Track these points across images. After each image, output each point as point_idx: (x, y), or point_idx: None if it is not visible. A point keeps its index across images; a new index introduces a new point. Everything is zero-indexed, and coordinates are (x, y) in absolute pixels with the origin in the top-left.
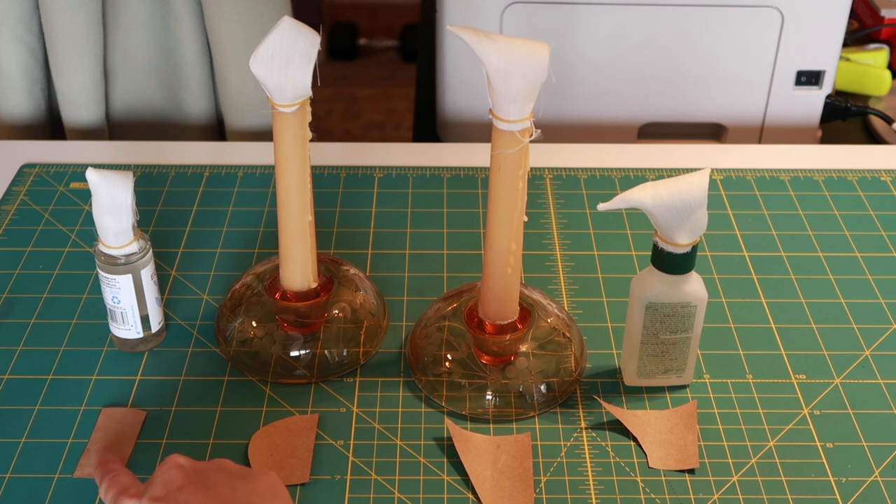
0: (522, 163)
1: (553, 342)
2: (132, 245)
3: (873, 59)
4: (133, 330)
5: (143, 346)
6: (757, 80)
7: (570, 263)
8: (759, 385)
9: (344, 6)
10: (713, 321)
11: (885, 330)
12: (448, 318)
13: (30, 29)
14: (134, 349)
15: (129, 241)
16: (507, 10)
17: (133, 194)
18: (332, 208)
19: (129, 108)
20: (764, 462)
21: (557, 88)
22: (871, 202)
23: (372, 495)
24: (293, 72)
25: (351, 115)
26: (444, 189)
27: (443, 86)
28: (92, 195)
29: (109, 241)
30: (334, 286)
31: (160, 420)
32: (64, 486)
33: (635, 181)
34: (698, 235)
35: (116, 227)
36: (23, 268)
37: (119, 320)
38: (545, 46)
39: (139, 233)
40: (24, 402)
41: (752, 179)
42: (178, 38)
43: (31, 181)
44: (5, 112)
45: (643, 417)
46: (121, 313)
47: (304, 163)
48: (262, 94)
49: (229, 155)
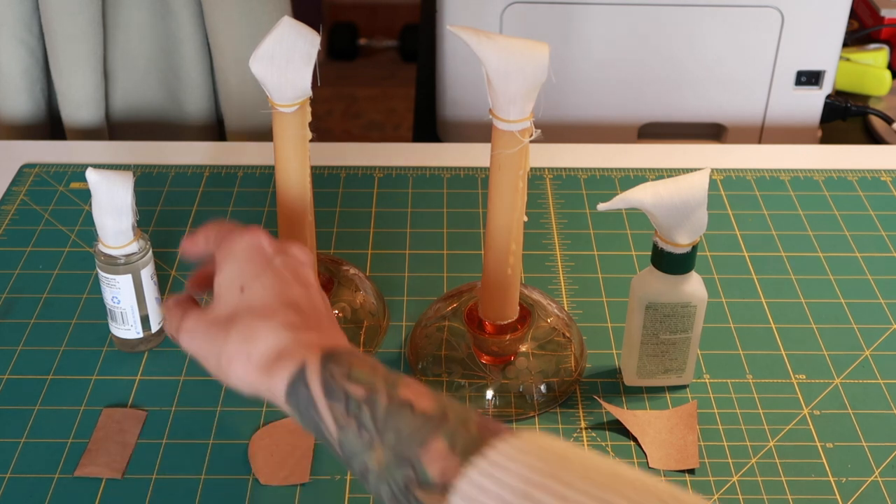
0: (522, 163)
1: (553, 342)
2: (132, 245)
3: (873, 59)
4: (133, 330)
5: (143, 346)
6: (757, 80)
7: (570, 263)
8: (759, 385)
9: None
10: (713, 321)
11: (885, 330)
12: (448, 318)
13: (30, 29)
14: (134, 349)
15: (129, 242)
16: (507, 10)
17: (133, 194)
18: (332, 208)
19: (129, 108)
20: (764, 462)
21: (557, 88)
22: (871, 202)
23: (372, 495)
24: (293, 72)
25: (351, 115)
26: (444, 189)
27: (443, 86)
28: (92, 195)
29: (109, 241)
30: (334, 286)
31: (160, 420)
32: (64, 486)
33: (635, 181)
34: (698, 235)
35: (116, 228)
36: (23, 268)
37: (119, 320)
38: (545, 46)
39: (139, 233)
40: (24, 402)
41: (752, 179)
42: (178, 38)
43: (31, 181)
44: (5, 112)
45: (643, 417)
46: (121, 313)
47: (304, 163)
48: (262, 94)
49: (229, 155)
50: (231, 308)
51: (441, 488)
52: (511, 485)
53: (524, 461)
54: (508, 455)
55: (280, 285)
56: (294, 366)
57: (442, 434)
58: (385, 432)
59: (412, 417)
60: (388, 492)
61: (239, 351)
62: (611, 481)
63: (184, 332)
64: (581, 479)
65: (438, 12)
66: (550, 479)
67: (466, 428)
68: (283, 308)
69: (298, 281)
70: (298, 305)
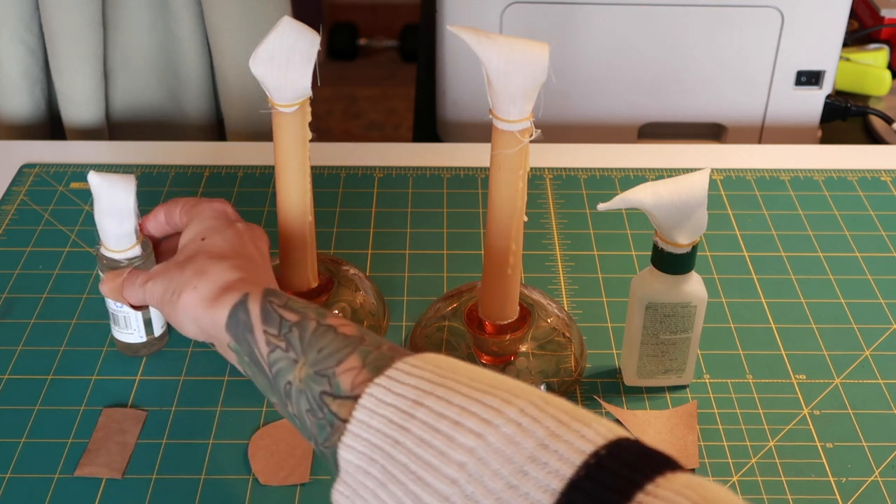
0: (522, 163)
1: (553, 342)
2: (134, 248)
3: (873, 59)
4: (136, 334)
5: (146, 350)
6: (757, 80)
7: (570, 263)
8: (759, 385)
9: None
10: (713, 321)
11: (885, 330)
12: (448, 318)
13: (30, 29)
14: (136, 353)
15: (132, 245)
16: (507, 10)
17: (136, 198)
18: (332, 208)
19: (129, 108)
20: (764, 462)
21: (557, 88)
22: (871, 202)
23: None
24: (293, 72)
25: (351, 115)
26: (444, 189)
27: (443, 86)
28: (93, 198)
29: (111, 245)
30: (334, 286)
31: (160, 420)
32: (64, 486)
33: (635, 181)
34: (698, 235)
35: (118, 231)
36: (23, 268)
37: (122, 324)
38: (545, 46)
39: (142, 236)
40: (24, 402)
41: (752, 179)
42: (178, 38)
43: (31, 181)
44: (5, 112)
45: (643, 417)
46: (123, 317)
47: (304, 163)
48: (262, 94)
49: (229, 155)
50: (189, 252)
51: (351, 399)
52: (405, 395)
53: (420, 374)
54: (406, 370)
55: (238, 241)
56: (237, 296)
57: (357, 352)
58: (309, 351)
59: (334, 338)
60: (307, 405)
61: (189, 283)
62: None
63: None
64: (466, 385)
65: (438, 12)
66: (440, 388)
67: (379, 349)
68: (237, 256)
69: (255, 245)
70: (251, 259)
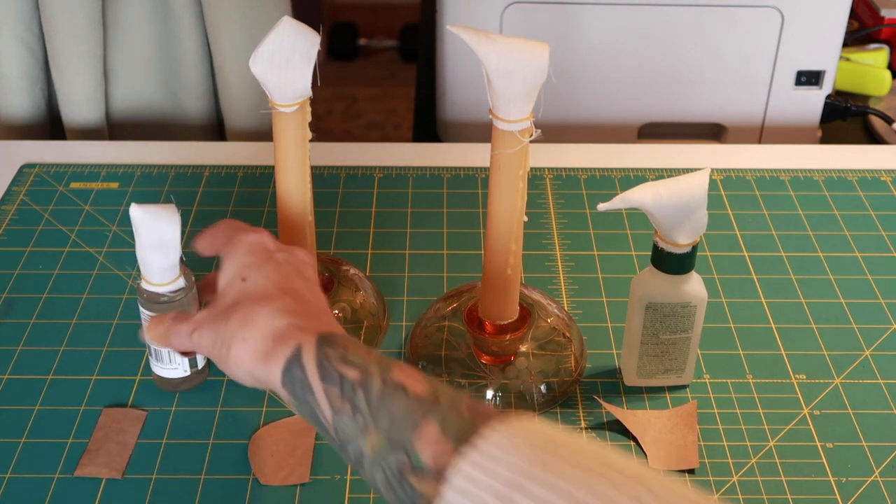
0: (522, 163)
1: (553, 342)
2: (178, 281)
3: (873, 59)
4: (180, 369)
5: (188, 384)
6: (757, 80)
7: (570, 263)
8: (759, 385)
9: (344, 6)
10: (713, 321)
11: (885, 330)
12: (448, 318)
13: (30, 29)
14: (177, 388)
15: (175, 278)
16: (507, 10)
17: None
18: (332, 208)
19: (129, 107)
20: (764, 462)
21: (557, 88)
22: (871, 202)
23: (372, 495)
24: (293, 72)
25: (351, 115)
26: (444, 189)
27: (443, 86)
28: (135, 232)
29: (153, 279)
30: (334, 286)
31: (160, 420)
32: (64, 486)
33: (635, 181)
34: (698, 235)
35: (162, 264)
36: (23, 268)
37: (165, 360)
38: (545, 46)
39: (183, 268)
40: (24, 402)
41: (752, 179)
42: (178, 38)
43: (31, 181)
44: (5, 112)
45: (643, 417)
46: (167, 352)
47: (304, 163)
48: (262, 94)
49: (229, 155)
50: (232, 298)
51: (434, 475)
52: (500, 474)
53: (514, 450)
54: (499, 444)
55: (280, 276)
56: (290, 349)
57: (434, 417)
58: (379, 416)
59: (405, 400)
60: (383, 478)
61: (237, 335)
62: (599, 466)
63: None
64: (569, 465)
65: (438, 12)
66: (539, 468)
67: (458, 411)
68: (282, 295)
69: (299, 275)
70: (297, 293)
